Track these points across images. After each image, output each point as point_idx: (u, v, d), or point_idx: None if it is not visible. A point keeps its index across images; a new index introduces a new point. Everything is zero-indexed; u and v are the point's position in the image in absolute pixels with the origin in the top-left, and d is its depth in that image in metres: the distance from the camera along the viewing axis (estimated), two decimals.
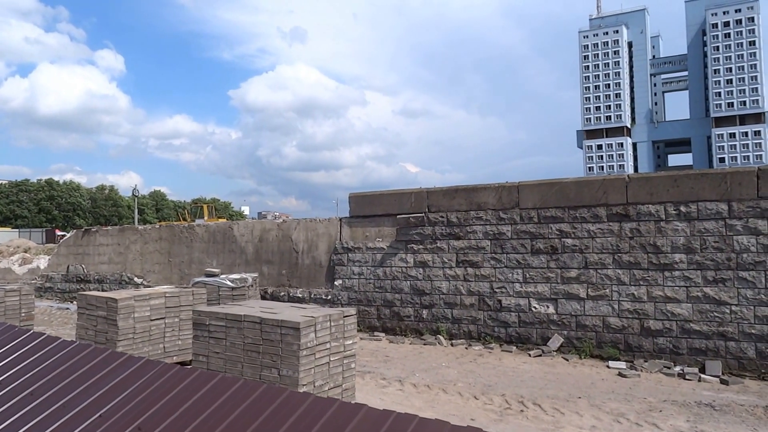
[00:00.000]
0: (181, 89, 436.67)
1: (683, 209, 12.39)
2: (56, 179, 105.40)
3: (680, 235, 12.39)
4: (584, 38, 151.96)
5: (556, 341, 13.41)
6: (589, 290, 13.27)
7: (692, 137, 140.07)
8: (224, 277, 15.53)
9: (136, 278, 22.99)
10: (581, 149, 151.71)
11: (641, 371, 11.66)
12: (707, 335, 11.87)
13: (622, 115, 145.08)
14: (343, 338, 8.91)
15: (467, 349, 14.06)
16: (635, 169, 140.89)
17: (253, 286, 15.79)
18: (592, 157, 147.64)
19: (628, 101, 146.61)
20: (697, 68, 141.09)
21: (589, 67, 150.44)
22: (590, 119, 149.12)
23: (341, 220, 17.85)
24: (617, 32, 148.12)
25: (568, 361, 12.71)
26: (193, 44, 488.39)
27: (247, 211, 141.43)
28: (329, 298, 17.38)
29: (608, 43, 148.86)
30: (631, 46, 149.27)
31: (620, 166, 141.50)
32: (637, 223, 12.88)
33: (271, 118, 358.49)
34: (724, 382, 10.90)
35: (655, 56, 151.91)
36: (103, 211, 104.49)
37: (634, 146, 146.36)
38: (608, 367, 12.09)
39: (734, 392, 10.30)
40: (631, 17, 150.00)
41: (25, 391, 4.44)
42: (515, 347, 13.84)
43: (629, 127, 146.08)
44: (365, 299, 16.65)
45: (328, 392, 8.37)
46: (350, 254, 17.17)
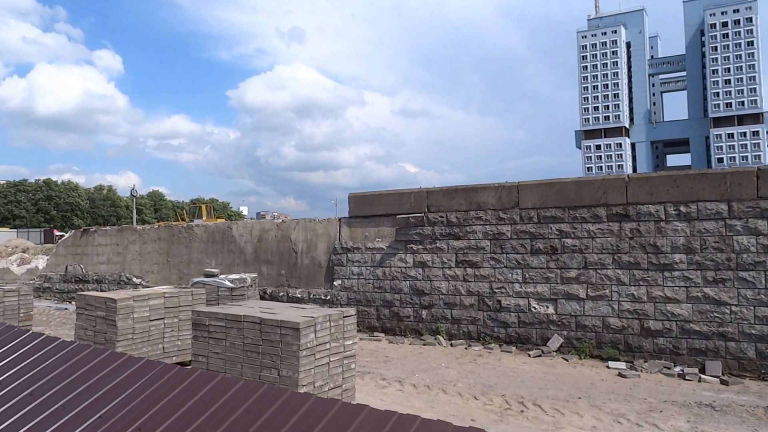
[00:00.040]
0: (179, 89, 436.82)
1: (683, 209, 12.39)
2: (54, 179, 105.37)
3: (680, 235, 12.38)
4: (582, 38, 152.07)
5: (555, 341, 13.40)
6: (588, 290, 13.26)
7: (690, 137, 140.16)
8: (223, 277, 15.50)
9: (134, 278, 22.96)
10: (580, 149, 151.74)
11: (641, 372, 11.64)
12: (707, 335, 11.86)
13: (620, 115, 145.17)
14: (342, 338, 8.89)
15: (467, 349, 14.04)
16: (634, 169, 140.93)
17: (252, 286, 15.76)
18: (590, 157, 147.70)
19: (626, 101, 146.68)
20: (695, 68, 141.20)
21: (587, 67, 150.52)
22: (589, 119, 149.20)
23: (340, 220, 17.82)
24: (615, 32, 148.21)
25: (567, 361, 12.70)
26: (191, 44, 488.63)
27: (245, 211, 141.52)
28: (328, 298, 17.35)
29: (606, 43, 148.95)
30: (629, 46, 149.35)
31: (619, 166, 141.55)
32: (637, 223, 12.87)
33: (269, 118, 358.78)
34: (724, 382, 10.88)
35: (653, 56, 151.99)
36: (101, 211, 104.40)
37: (632, 146, 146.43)
38: (608, 367, 12.08)
39: (734, 393, 10.29)
40: (629, 17, 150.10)
41: (24, 391, 4.41)
42: (515, 347, 13.83)
43: (628, 127, 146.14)
44: (364, 299, 16.63)
45: (328, 393, 8.35)
46: (349, 254, 17.14)
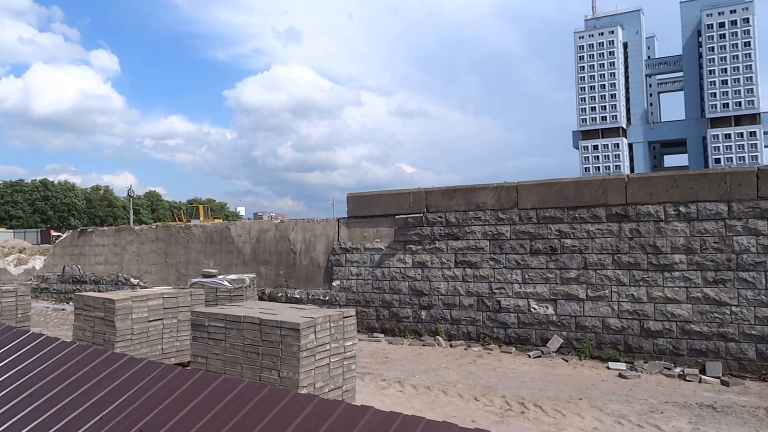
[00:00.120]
0: (176, 90, 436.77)
1: (683, 210, 12.37)
2: (51, 179, 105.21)
3: (680, 235, 12.36)
4: (579, 39, 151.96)
5: (555, 342, 13.37)
6: (588, 291, 13.24)
7: (688, 138, 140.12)
8: (222, 277, 15.45)
9: (132, 279, 22.89)
10: (577, 150, 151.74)
11: (641, 372, 11.62)
12: (707, 336, 11.85)
13: (617, 115, 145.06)
14: (343, 339, 8.86)
15: (466, 350, 14.01)
16: (631, 169, 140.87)
17: (250, 286, 15.71)
18: (588, 157, 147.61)
19: (623, 102, 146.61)
20: (692, 69, 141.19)
21: (584, 67, 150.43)
22: (586, 120, 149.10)
23: (339, 220, 17.78)
24: (612, 33, 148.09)
25: (567, 362, 12.67)
26: (188, 44, 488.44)
27: (242, 211, 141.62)
28: (327, 298, 17.31)
29: (603, 43, 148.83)
30: (626, 46, 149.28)
31: (616, 166, 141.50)
32: (636, 223, 12.85)
33: (266, 118, 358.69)
34: (724, 383, 10.87)
35: (650, 57, 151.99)
36: (98, 211, 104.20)
37: (629, 147, 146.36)
38: (608, 368, 12.05)
39: (735, 393, 10.27)
40: (626, 18, 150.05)
41: (24, 392, 4.38)
42: (514, 348, 13.80)
43: (625, 127, 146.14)
44: (363, 300, 16.59)
45: (328, 394, 8.32)
46: (348, 255, 17.10)
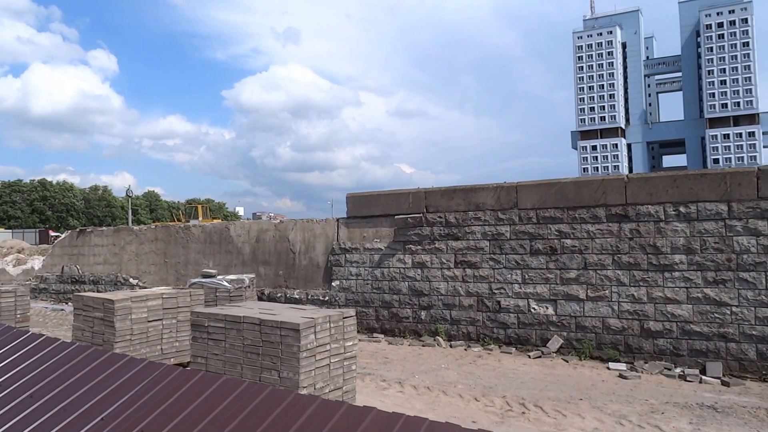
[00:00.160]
0: (174, 89, 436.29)
1: (683, 210, 12.36)
2: (49, 179, 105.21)
3: (680, 235, 12.35)
4: (578, 39, 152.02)
5: (555, 342, 13.36)
6: (588, 291, 13.23)
7: (686, 138, 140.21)
8: (221, 278, 15.42)
9: (131, 279, 22.85)
10: (576, 150, 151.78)
11: (642, 373, 11.61)
12: (708, 336, 11.84)
13: (616, 116, 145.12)
14: (343, 340, 8.84)
15: (466, 350, 14.00)
16: (630, 170, 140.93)
17: (250, 287, 15.68)
18: (586, 158, 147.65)
19: (622, 102, 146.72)
20: (690, 69, 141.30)
21: (583, 67, 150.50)
22: (584, 120, 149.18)
23: (338, 220, 17.76)
24: (611, 33, 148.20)
25: (567, 362, 12.66)
26: (186, 44, 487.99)
27: (241, 211, 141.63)
28: (326, 299, 17.28)
29: (602, 44, 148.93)
30: (624, 46, 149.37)
31: (615, 167, 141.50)
32: (636, 223, 12.83)
33: (264, 118, 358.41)
34: (725, 383, 10.86)
35: (648, 57, 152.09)
36: (96, 211, 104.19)
37: (628, 147, 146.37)
38: (608, 368, 12.04)
39: (736, 394, 10.26)
40: (624, 18, 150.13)
41: (24, 393, 4.36)
42: (514, 348, 13.78)
43: (623, 128, 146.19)
44: (363, 300, 16.57)
45: (328, 395, 8.29)
46: (348, 255, 17.08)
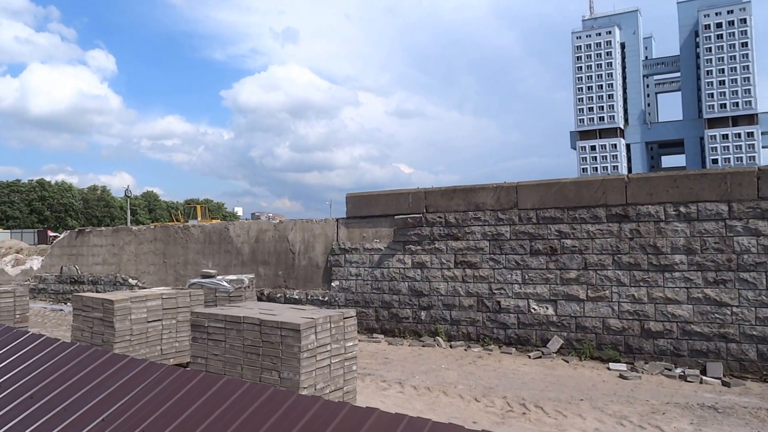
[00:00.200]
0: (173, 90, 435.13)
1: (683, 210, 12.35)
2: (48, 180, 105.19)
3: (680, 236, 12.34)
4: (577, 39, 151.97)
5: (555, 343, 13.34)
6: (588, 291, 13.21)
7: (685, 138, 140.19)
8: (221, 278, 15.38)
9: (130, 279, 22.82)
10: (575, 150, 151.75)
11: (642, 373, 11.60)
12: (708, 337, 11.83)
13: (615, 116, 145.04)
14: (343, 340, 8.82)
15: (466, 350, 13.98)
16: (629, 170, 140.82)
17: (249, 287, 15.64)
18: (585, 158, 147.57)
19: (621, 102, 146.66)
20: (689, 69, 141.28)
21: (582, 68, 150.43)
22: (583, 120, 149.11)
23: (338, 220, 17.74)
24: (610, 33, 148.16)
25: (568, 362, 12.64)
26: (185, 44, 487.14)
27: (240, 212, 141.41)
28: (326, 299, 17.26)
29: (601, 44, 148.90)
30: (623, 47, 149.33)
31: (614, 167, 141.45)
32: (636, 223, 12.82)
33: (263, 118, 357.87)
34: (725, 384, 10.85)
35: (647, 57, 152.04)
36: (95, 211, 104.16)
37: (627, 147, 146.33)
38: (609, 369, 12.03)
39: (736, 394, 10.25)
40: (623, 18, 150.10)
41: (24, 394, 4.34)
42: (514, 349, 13.77)
43: (622, 128, 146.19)
44: (363, 301, 16.54)
45: (329, 395, 8.27)
46: (347, 255, 17.06)
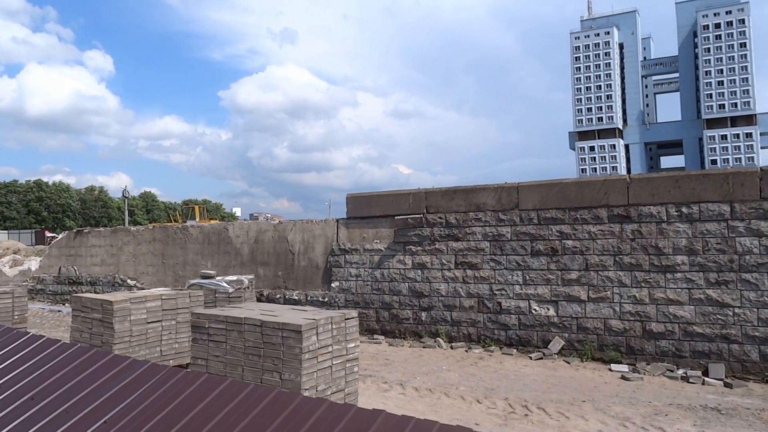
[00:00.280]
0: (170, 90, 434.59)
1: (685, 210, 12.32)
2: (45, 180, 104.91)
3: (682, 236, 12.31)
4: (576, 40, 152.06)
5: (557, 344, 13.30)
6: (590, 292, 13.17)
7: (684, 139, 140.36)
8: (220, 279, 15.33)
9: (129, 280, 22.74)
10: (573, 151, 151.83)
11: (644, 374, 11.56)
12: (710, 338, 11.79)
13: (613, 116, 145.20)
14: (345, 341, 8.77)
15: (467, 351, 13.93)
16: (628, 170, 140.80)
17: (249, 288, 15.58)
18: (584, 158, 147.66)
19: (619, 103, 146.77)
20: (688, 70, 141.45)
21: (580, 68, 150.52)
22: (582, 121, 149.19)
23: (338, 221, 17.69)
24: (608, 34, 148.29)
25: (569, 364, 12.60)
26: (182, 44, 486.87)
27: (238, 212, 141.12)
28: (326, 300, 17.21)
29: (599, 44, 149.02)
30: (622, 47, 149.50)
31: (613, 167, 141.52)
32: (638, 224, 12.79)
33: (261, 119, 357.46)
34: (728, 385, 10.82)
35: (646, 58, 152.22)
36: (92, 212, 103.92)
37: (626, 148, 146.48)
38: (610, 370, 12.00)
39: (739, 396, 10.21)
40: (622, 19, 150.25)
41: (25, 395, 4.30)
42: (515, 350, 13.72)
43: (621, 128, 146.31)
44: (363, 301, 16.49)
45: (330, 397, 8.22)
46: (347, 256, 17.01)
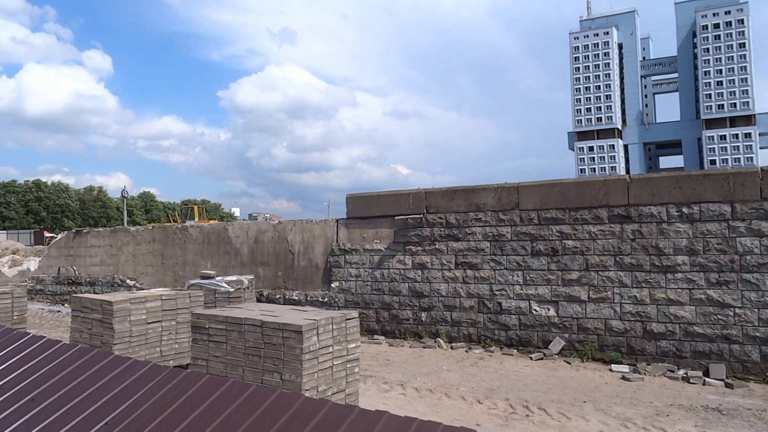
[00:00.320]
0: (169, 90, 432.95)
1: (685, 210, 12.31)
2: (44, 180, 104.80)
3: (682, 236, 12.30)
4: (575, 40, 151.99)
5: (557, 344, 13.29)
6: (590, 292, 13.16)
7: (683, 139, 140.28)
8: (220, 279, 15.31)
9: (128, 280, 22.70)
10: (573, 151, 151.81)
11: (645, 375, 11.55)
12: (711, 338, 11.78)
13: (612, 116, 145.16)
14: (345, 342, 8.75)
15: (467, 352, 13.92)
16: (627, 171, 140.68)
17: (248, 288, 15.57)
18: (583, 159, 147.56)
19: (618, 103, 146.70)
20: (687, 70, 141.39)
21: (579, 68, 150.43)
22: (581, 121, 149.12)
23: (338, 221, 17.67)
24: (607, 34, 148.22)
25: (570, 364, 12.59)
26: (181, 44, 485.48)
27: (237, 212, 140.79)
28: (326, 300, 17.19)
29: (598, 44, 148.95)
30: (621, 47, 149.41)
31: (612, 168, 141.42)
32: (638, 224, 12.78)
33: (260, 119, 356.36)
34: (728, 385, 10.81)
35: (645, 58, 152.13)
36: (91, 212, 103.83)
37: (625, 148, 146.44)
38: (611, 370, 11.98)
39: (740, 396, 10.20)
40: (621, 19, 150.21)
41: (26, 396, 4.28)
42: (516, 350, 13.71)
43: (620, 128, 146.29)
44: (362, 302, 16.47)
45: (331, 397, 8.20)
46: (347, 256, 16.99)
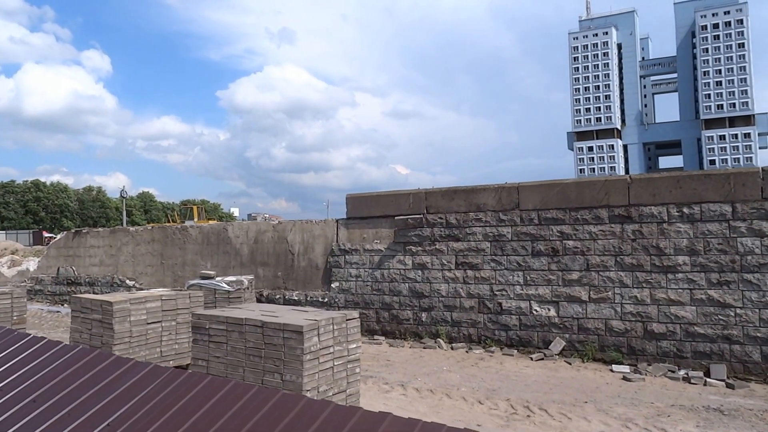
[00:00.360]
0: (168, 90, 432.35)
1: (686, 211, 12.30)
2: (43, 180, 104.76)
3: (683, 237, 12.29)
4: (574, 40, 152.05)
5: (557, 345, 13.27)
6: (591, 293, 13.15)
7: (682, 139, 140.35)
8: (220, 279, 15.29)
9: (128, 281, 22.68)
10: (572, 151, 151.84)
11: (645, 375, 11.54)
12: (712, 338, 11.77)
13: (612, 116, 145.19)
14: (346, 342, 8.73)
15: (468, 352, 13.90)
16: (626, 171, 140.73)
17: (248, 288, 15.54)
18: (583, 159, 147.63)
19: (617, 103, 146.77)
20: (686, 70, 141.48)
21: (578, 68, 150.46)
22: (580, 121, 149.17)
23: (338, 221, 17.65)
24: (607, 34, 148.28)
25: (570, 364, 12.57)
26: (180, 45, 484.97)
27: (236, 212, 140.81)
28: (326, 300, 17.17)
29: (598, 44, 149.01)
30: (620, 47, 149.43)
31: (611, 168, 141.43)
32: (639, 224, 12.76)
33: (259, 119, 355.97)
34: (729, 386, 10.80)
35: (644, 58, 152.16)
36: (90, 212, 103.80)
37: (624, 148, 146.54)
38: (612, 370, 11.97)
39: (741, 396, 10.20)
40: (620, 19, 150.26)
41: (27, 397, 4.26)
42: (516, 351, 13.69)
43: (619, 128, 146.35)
44: (363, 302, 16.45)
45: (332, 398, 8.18)
46: (347, 256, 16.97)
